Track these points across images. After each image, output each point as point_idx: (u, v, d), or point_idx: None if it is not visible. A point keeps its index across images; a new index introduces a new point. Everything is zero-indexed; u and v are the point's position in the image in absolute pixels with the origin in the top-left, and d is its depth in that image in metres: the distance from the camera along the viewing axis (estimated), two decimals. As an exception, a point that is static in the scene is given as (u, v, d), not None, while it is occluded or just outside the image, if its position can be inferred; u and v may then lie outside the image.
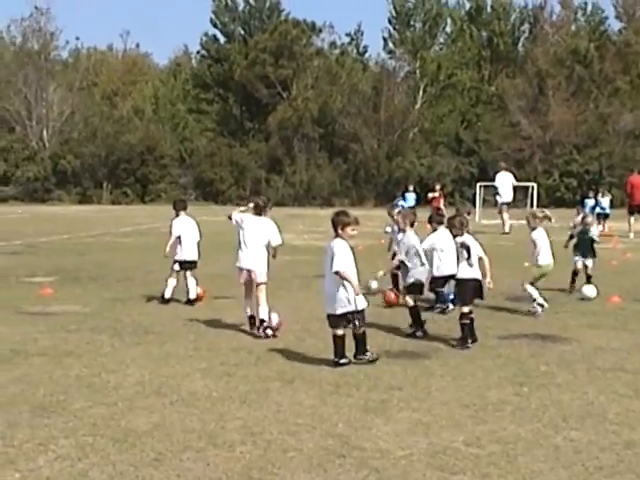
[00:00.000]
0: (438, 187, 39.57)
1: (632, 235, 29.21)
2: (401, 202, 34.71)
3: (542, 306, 13.05)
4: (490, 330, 11.03)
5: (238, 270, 11.58)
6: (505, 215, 32.09)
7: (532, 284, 13.31)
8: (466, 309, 10.62)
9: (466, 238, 11.04)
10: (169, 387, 8.28)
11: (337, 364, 9.22)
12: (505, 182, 33.61)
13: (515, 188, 34.62)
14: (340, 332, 9.33)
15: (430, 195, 38.91)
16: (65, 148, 74.55)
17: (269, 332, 10.97)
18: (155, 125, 76.60)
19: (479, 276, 10.93)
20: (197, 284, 14.31)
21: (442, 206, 36.24)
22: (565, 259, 15.71)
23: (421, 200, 42.19)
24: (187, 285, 14.18)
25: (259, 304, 11.34)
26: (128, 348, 10.20)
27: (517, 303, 14.01)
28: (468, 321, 10.56)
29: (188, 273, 14.27)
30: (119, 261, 20.92)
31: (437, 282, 13.30)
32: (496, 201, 34.17)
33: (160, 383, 8.44)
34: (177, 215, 14.59)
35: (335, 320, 9.35)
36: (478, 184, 43.89)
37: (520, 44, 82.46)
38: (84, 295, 14.84)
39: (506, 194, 33.11)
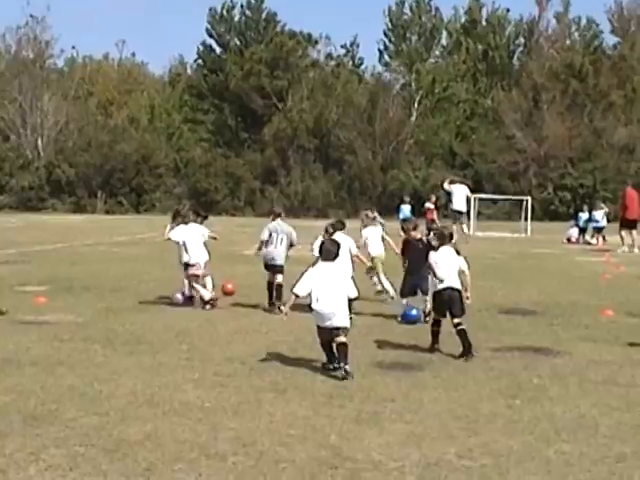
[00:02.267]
0: (434, 198, 39.53)
1: (626, 249, 29.16)
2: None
3: (392, 297, 14.54)
4: (482, 342, 11.01)
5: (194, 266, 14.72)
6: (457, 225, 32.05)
7: (378, 275, 15.00)
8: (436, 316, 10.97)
9: (442, 252, 10.85)
10: (161, 397, 8.26)
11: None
12: (459, 192, 34.05)
13: (468, 199, 34.99)
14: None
15: (426, 205, 38.74)
16: (60, 157, 74.54)
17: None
18: (150, 135, 76.61)
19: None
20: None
21: (436, 218, 36.46)
22: None
23: (416, 212, 42.17)
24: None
25: (207, 287, 14.88)
26: (121, 358, 10.17)
27: (510, 315, 14.04)
28: (437, 328, 10.82)
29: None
30: (112, 271, 20.87)
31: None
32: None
33: (152, 393, 8.42)
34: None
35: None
36: (473, 196, 43.85)
37: (515, 57, 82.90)
38: (77, 304, 14.80)
39: (459, 203, 33.50)
